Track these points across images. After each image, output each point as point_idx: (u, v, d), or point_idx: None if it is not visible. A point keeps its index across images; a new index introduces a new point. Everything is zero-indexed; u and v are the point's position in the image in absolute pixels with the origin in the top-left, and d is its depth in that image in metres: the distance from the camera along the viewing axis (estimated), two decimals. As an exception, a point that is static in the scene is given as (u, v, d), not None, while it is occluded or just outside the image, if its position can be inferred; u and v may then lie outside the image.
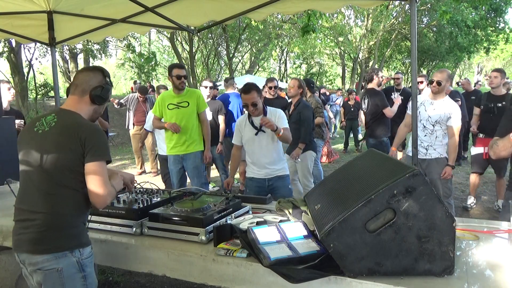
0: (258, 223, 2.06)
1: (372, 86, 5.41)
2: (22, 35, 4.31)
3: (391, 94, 6.35)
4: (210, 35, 21.17)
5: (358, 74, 25.39)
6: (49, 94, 16.39)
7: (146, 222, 2.12)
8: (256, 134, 3.29)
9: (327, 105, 10.41)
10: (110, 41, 20.83)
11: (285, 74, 31.16)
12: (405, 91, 6.42)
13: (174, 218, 2.07)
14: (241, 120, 3.43)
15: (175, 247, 1.94)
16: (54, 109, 1.92)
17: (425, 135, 4.02)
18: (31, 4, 3.78)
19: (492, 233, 1.98)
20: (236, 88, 8.48)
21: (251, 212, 2.38)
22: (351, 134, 10.64)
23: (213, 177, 7.04)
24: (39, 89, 16.35)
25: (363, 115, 5.69)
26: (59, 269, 1.73)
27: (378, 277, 1.52)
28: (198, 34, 18.03)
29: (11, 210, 2.19)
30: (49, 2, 3.81)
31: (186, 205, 2.19)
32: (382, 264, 1.52)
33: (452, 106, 3.99)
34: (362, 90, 22.11)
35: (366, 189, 1.57)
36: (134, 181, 2.25)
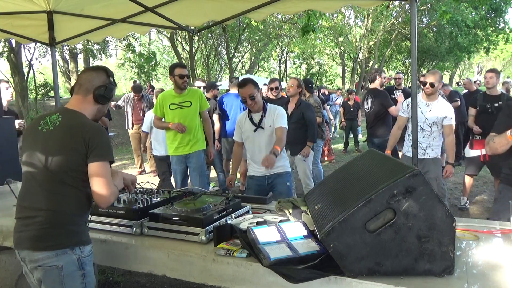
0: (258, 223, 2.06)
1: (375, 86, 5.41)
2: (22, 35, 4.31)
3: (392, 94, 6.36)
4: (210, 35, 21.17)
5: (358, 74, 25.37)
6: (49, 94, 16.38)
7: (146, 222, 2.12)
8: (255, 131, 3.26)
9: (327, 105, 10.40)
10: (110, 41, 20.83)
11: (285, 74, 31.14)
12: (405, 91, 6.42)
13: (174, 218, 2.07)
14: (241, 116, 3.41)
15: (175, 247, 1.94)
16: (58, 108, 1.92)
17: (423, 137, 4.04)
18: (31, 4, 3.78)
19: (492, 233, 1.98)
20: None
21: (251, 212, 2.37)
22: (351, 134, 10.65)
23: (212, 177, 7.04)
24: (39, 89, 16.35)
25: (362, 115, 5.69)
26: (59, 266, 1.74)
27: (378, 277, 1.52)
28: (198, 34, 18.03)
29: (11, 210, 2.19)
30: (49, 2, 3.82)
31: (186, 205, 2.19)
32: (382, 264, 1.52)
33: (447, 106, 4.05)
34: (362, 90, 22.02)
35: (366, 189, 1.57)
36: (136, 183, 2.26)
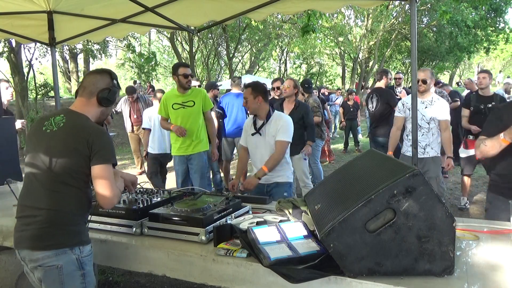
0: (258, 223, 2.06)
1: (380, 86, 5.39)
2: (22, 35, 4.31)
3: (394, 93, 6.36)
4: (210, 35, 21.14)
5: (358, 74, 25.35)
6: (49, 94, 16.35)
7: (146, 222, 2.12)
8: (253, 135, 3.21)
9: (327, 105, 10.41)
10: (110, 41, 20.84)
11: (285, 74, 31.13)
12: (405, 91, 6.42)
13: (174, 218, 2.07)
14: (248, 120, 3.35)
15: (175, 247, 1.94)
16: (63, 110, 1.94)
17: (422, 135, 4.05)
18: (31, 4, 3.78)
19: (492, 233, 1.98)
20: (243, 89, 8.46)
21: (251, 212, 2.37)
22: (351, 134, 10.66)
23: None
24: (39, 89, 16.32)
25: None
26: (59, 266, 1.74)
27: (378, 277, 1.52)
28: (198, 34, 18.02)
29: (11, 210, 2.18)
30: (49, 2, 3.82)
31: (186, 205, 2.19)
32: (382, 264, 1.52)
33: (441, 101, 4.06)
34: (362, 90, 21.96)
35: (366, 189, 1.57)
36: (136, 184, 2.26)
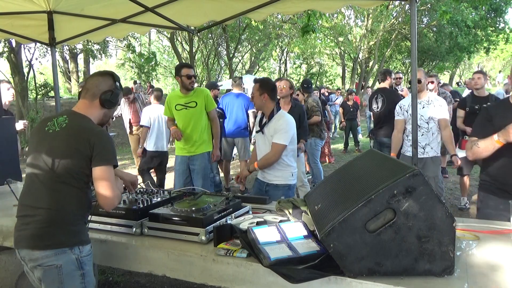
0: (258, 223, 2.06)
1: (385, 86, 5.38)
2: (22, 35, 4.31)
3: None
4: (210, 35, 21.13)
5: (358, 74, 25.35)
6: (49, 94, 16.34)
7: (146, 222, 2.12)
8: (257, 132, 3.27)
9: (328, 106, 10.42)
10: (110, 41, 20.83)
11: (285, 74, 31.12)
12: (406, 89, 6.43)
13: (174, 218, 2.07)
14: (258, 116, 3.41)
15: (175, 247, 1.94)
16: (66, 111, 1.95)
17: (422, 135, 4.04)
18: (31, 4, 3.78)
19: (492, 233, 1.98)
20: (244, 89, 8.46)
21: (251, 212, 2.37)
22: (351, 134, 10.66)
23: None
24: (39, 89, 16.32)
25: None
26: (59, 266, 1.74)
27: (378, 277, 1.52)
28: (198, 34, 18.02)
29: (11, 210, 2.18)
30: (49, 2, 3.81)
31: (186, 205, 2.19)
32: (382, 264, 1.52)
33: (438, 101, 4.06)
34: (362, 90, 21.93)
35: (366, 189, 1.57)
36: (137, 184, 2.26)
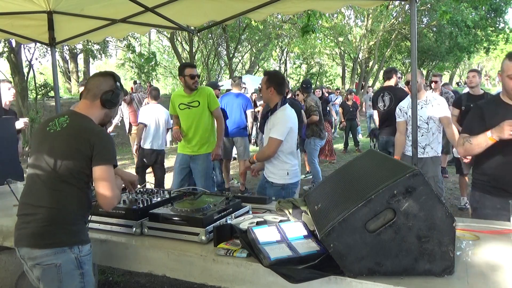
0: (258, 223, 2.06)
1: (391, 84, 5.37)
2: (22, 35, 4.31)
3: None
4: (210, 35, 21.13)
5: (358, 74, 25.36)
6: (49, 94, 16.35)
7: (146, 222, 2.12)
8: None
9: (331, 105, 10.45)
10: (110, 41, 20.86)
11: (285, 74, 31.12)
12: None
13: (174, 218, 2.06)
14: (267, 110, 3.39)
15: (175, 247, 1.94)
16: (67, 111, 1.97)
17: (422, 135, 4.02)
18: (31, 4, 3.78)
19: (492, 233, 1.98)
20: (244, 88, 8.43)
21: (251, 212, 2.37)
22: (351, 134, 10.66)
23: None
24: (39, 89, 16.33)
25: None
26: (58, 265, 1.75)
27: (378, 277, 1.52)
28: (198, 34, 18.01)
29: (11, 210, 2.18)
30: (49, 2, 3.81)
31: (186, 205, 2.19)
32: (382, 264, 1.52)
33: (437, 100, 4.03)
34: (362, 90, 21.85)
35: (366, 189, 1.57)
36: (136, 184, 2.26)
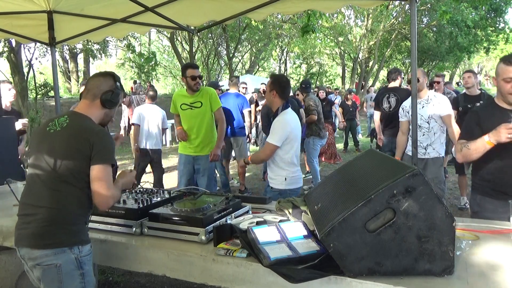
0: (258, 223, 2.06)
1: (396, 85, 5.37)
2: (22, 35, 4.31)
3: None
4: (210, 35, 21.15)
5: (358, 74, 25.35)
6: (49, 94, 16.37)
7: (146, 222, 2.12)
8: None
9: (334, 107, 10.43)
10: (110, 41, 20.89)
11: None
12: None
13: (174, 218, 2.06)
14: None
15: (175, 247, 1.94)
16: (67, 111, 1.98)
17: (423, 135, 4.02)
18: (31, 4, 3.78)
19: (492, 233, 1.98)
20: (244, 88, 8.42)
21: (251, 212, 2.37)
22: (350, 134, 10.67)
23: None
24: (39, 89, 16.35)
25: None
26: (58, 265, 1.75)
27: (378, 277, 1.52)
28: (198, 34, 18.02)
29: (11, 210, 2.18)
30: (49, 2, 3.82)
31: (186, 205, 2.19)
32: (382, 264, 1.52)
33: (438, 98, 4.02)
34: (362, 90, 21.85)
35: (366, 189, 1.57)
36: (135, 183, 2.27)
